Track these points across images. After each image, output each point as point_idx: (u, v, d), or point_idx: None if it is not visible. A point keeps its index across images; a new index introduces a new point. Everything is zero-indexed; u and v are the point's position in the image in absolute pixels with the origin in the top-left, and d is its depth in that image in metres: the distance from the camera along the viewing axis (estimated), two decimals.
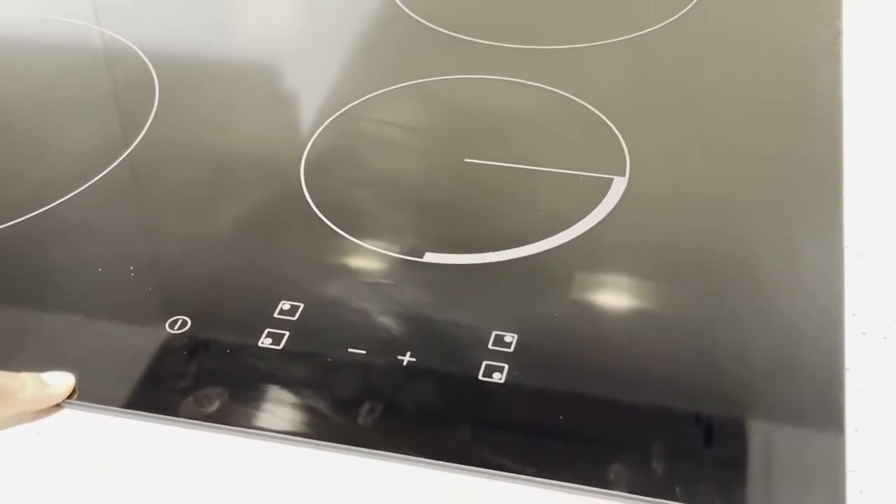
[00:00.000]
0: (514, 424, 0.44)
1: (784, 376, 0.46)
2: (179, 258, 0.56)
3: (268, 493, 0.41)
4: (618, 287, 0.52)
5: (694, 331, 0.49)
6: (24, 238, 0.57)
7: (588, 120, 0.64)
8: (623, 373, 0.46)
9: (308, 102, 0.70)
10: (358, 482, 0.42)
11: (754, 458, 0.42)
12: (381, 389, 0.46)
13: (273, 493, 0.41)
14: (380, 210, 0.58)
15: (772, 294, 0.50)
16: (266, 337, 0.48)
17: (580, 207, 0.56)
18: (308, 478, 0.42)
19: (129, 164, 0.63)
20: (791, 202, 0.57)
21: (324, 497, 0.41)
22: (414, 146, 0.64)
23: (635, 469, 0.41)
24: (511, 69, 0.70)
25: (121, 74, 0.75)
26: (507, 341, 0.48)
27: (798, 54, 0.70)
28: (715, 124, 0.64)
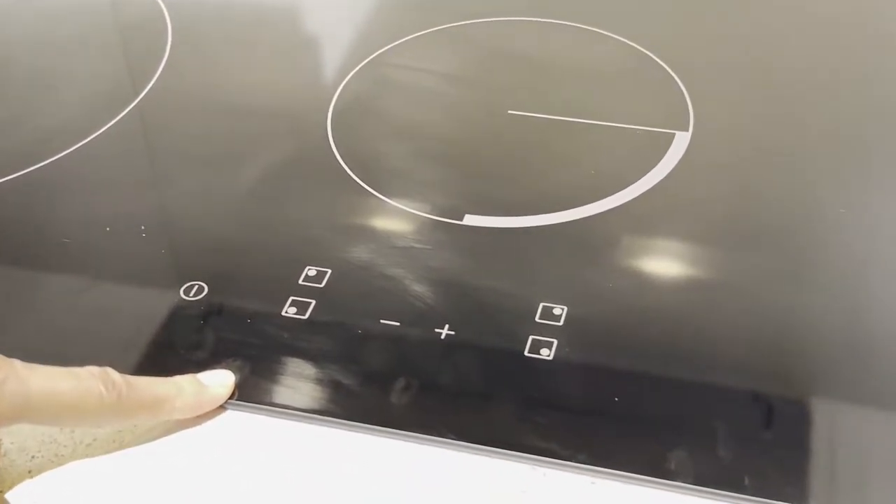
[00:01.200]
0: (564, 405, 0.43)
1: (855, 354, 0.45)
2: (195, 218, 0.55)
3: (291, 476, 0.41)
4: (678, 255, 0.51)
5: (761, 304, 0.48)
6: (24, 193, 0.57)
7: (647, 68, 0.63)
8: (683, 349, 0.46)
9: (335, 47, 0.69)
10: (389, 466, 0.41)
11: (820, 440, 0.41)
12: (416, 365, 0.45)
13: (296, 476, 0.41)
14: (414, 167, 0.57)
15: (846, 264, 0.50)
16: (290, 306, 0.48)
17: (637, 165, 0.55)
18: (335, 461, 0.42)
19: (138, 114, 0.63)
20: (872, 164, 0.56)
21: (352, 482, 0.41)
22: (452, 96, 0.63)
23: (698, 456, 0.41)
24: (560, 11, 0.69)
25: (130, 15, 0.74)
26: (555, 314, 0.47)
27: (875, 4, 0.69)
28: (789, 76, 0.63)
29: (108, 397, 0.39)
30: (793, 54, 0.65)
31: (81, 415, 0.39)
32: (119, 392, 0.39)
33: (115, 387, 0.39)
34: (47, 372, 0.38)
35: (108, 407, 0.39)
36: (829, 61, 0.64)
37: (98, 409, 0.39)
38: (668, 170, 0.55)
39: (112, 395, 0.39)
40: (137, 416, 0.42)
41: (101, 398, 0.39)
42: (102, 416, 0.40)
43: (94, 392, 0.39)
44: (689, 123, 0.58)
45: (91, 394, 0.39)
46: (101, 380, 0.39)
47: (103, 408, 0.39)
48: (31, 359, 0.38)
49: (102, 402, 0.39)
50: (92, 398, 0.39)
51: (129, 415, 0.41)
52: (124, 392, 0.40)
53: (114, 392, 0.39)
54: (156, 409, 0.42)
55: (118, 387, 0.40)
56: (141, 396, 0.41)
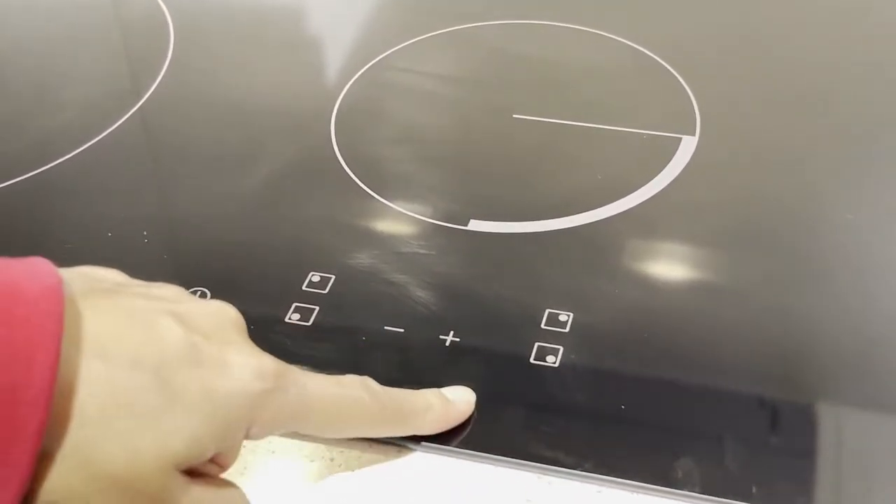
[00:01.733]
0: (569, 413, 0.43)
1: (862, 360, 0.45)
2: (197, 223, 0.55)
3: (292, 486, 0.41)
4: (684, 260, 0.51)
5: (768, 309, 0.47)
6: (27, 197, 0.57)
7: (654, 72, 0.63)
8: (690, 356, 0.46)
9: (339, 49, 0.69)
10: (393, 474, 0.41)
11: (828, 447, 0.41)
12: (421, 372, 0.45)
13: (298, 486, 0.41)
14: (419, 172, 0.57)
15: (853, 270, 0.49)
16: (293, 312, 0.48)
17: (644, 170, 0.55)
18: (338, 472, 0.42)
19: (141, 117, 0.63)
20: (879, 170, 0.55)
21: (357, 492, 0.41)
22: (457, 100, 0.63)
23: (705, 464, 0.40)
24: (567, 14, 0.69)
25: (132, 17, 0.74)
26: (561, 320, 0.47)
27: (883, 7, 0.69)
28: (795, 81, 0.63)
29: (372, 406, 0.39)
30: (800, 59, 0.65)
31: (347, 422, 0.39)
32: (381, 403, 0.39)
33: (377, 397, 0.39)
34: (320, 380, 0.38)
35: (370, 416, 0.39)
36: (837, 66, 0.64)
37: (361, 417, 0.39)
38: (674, 174, 0.55)
39: (376, 404, 0.39)
40: (392, 428, 0.41)
41: (366, 407, 0.39)
42: (364, 424, 0.40)
43: (360, 401, 0.39)
44: (695, 128, 0.58)
45: (358, 402, 0.39)
46: (365, 389, 0.39)
47: (365, 416, 0.39)
48: None
49: (366, 411, 0.39)
50: (358, 406, 0.39)
51: (386, 425, 0.41)
52: (385, 402, 0.40)
53: (377, 402, 0.39)
54: (409, 422, 0.41)
55: (380, 397, 0.39)
56: (399, 408, 0.41)
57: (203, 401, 0.33)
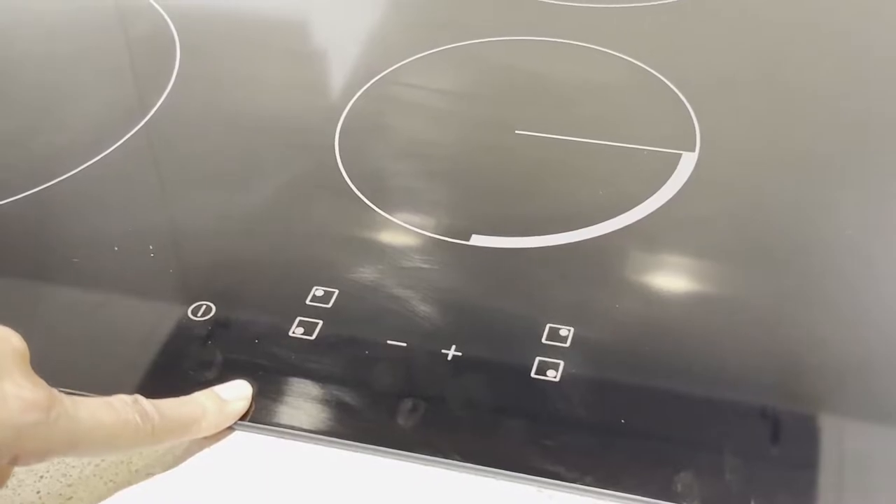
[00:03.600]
0: (571, 427, 0.43)
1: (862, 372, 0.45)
2: (202, 237, 0.55)
3: (297, 497, 0.41)
4: (685, 275, 0.51)
5: (768, 325, 0.48)
6: (33, 212, 0.57)
7: (654, 88, 0.63)
8: (690, 371, 0.46)
9: (344, 65, 0.69)
10: (396, 488, 0.41)
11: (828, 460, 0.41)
12: (423, 386, 0.45)
13: (303, 497, 0.41)
14: (422, 186, 0.57)
15: (852, 283, 0.50)
16: (297, 326, 0.48)
17: (645, 186, 0.55)
18: (342, 482, 0.42)
19: (147, 133, 0.63)
20: (879, 182, 0.56)
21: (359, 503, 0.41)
22: (460, 116, 0.64)
23: (706, 478, 0.41)
24: (569, 30, 0.69)
25: (138, 33, 0.75)
26: (562, 335, 0.47)
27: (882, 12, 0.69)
28: (795, 95, 0.63)
29: (144, 428, 0.40)
30: (800, 75, 0.65)
31: (119, 446, 0.40)
32: (153, 422, 0.40)
33: (148, 417, 0.40)
34: (90, 405, 0.38)
35: (143, 437, 0.40)
36: (837, 82, 0.64)
37: (134, 439, 0.40)
38: (674, 190, 0.55)
39: (147, 425, 0.40)
40: (168, 441, 0.42)
41: (138, 429, 0.39)
42: (137, 445, 0.40)
43: (131, 424, 0.39)
44: (695, 144, 0.58)
45: (129, 426, 0.39)
46: (136, 411, 0.39)
47: (139, 438, 0.40)
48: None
49: (138, 433, 0.39)
50: (130, 430, 0.39)
51: (161, 441, 0.41)
52: (157, 421, 0.40)
53: (149, 423, 0.40)
54: (185, 433, 0.42)
55: (151, 417, 0.40)
56: (171, 423, 0.41)
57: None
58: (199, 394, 0.44)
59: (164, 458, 0.43)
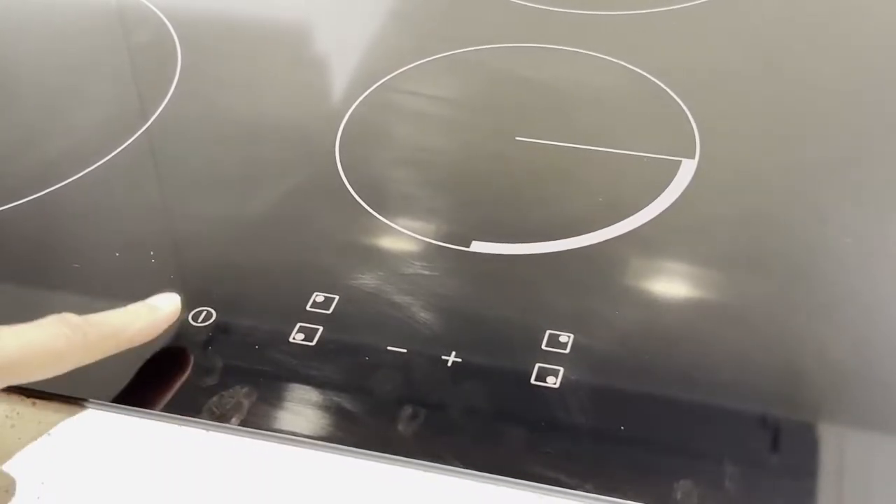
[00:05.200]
0: (570, 434, 0.43)
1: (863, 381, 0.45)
2: (203, 243, 0.55)
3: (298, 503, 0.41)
4: (686, 282, 0.51)
5: (771, 332, 0.48)
6: (34, 218, 0.57)
7: (654, 95, 0.63)
8: (690, 377, 0.46)
9: (345, 72, 0.69)
10: (396, 494, 0.41)
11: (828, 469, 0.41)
12: (423, 392, 0.45)
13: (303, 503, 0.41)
14: (423, 193, 0.57)
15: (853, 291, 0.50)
16: (298, 332, 0.48)
17: (644, 192, 0.55)
18: (342, 488, 0.42)
19: (148, 139, 0.63)
20: (879, 190, 0.56)
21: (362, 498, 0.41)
22: (460, 123, 0.64)
23: (706, 485, 0.40)
24: (569, 37, 0.69)
25: (139, 39, 0.75)
26: (562, 341, 0.47)
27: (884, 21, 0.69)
28: (795, 102, 0.63)
29: (75, 338, 0.41)
30: (800, 83, 0.65)
31: (55, 360, 0.41)
32: (83, 331, 0.42)
33: (78, 328, 0.42)
34: (17, 330, 0.40)
35: (76, 347, 0.41)
36: (837, 90, 0.64)
37: (68, 351, 0.41)
38: (674, 197, 0.55)
39: (79, 335, 0.41)
40: (104, 350, 0.43)
41: (70, 340, 0.41)
42: (72, 357, 0.42)
43: (62, 338, 0.41)
44: (695, 151, 0.58)
45: (59, 339, 0.41)
46: (64, 324, 0.41)
47: (72, 349, 0.41)
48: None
49: (72, 345, 0.41)
50: (62, 344, 0.41)
51: (97, 350, 0.43)
52: (88, 330, 0.42)
53: (79, 332, 0.41)
54: (119, 339, 0.44)
55: (81, 327, 0.42)
56: (103, 331, 0.43)
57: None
58: (130, 305, 0.46)
59: None
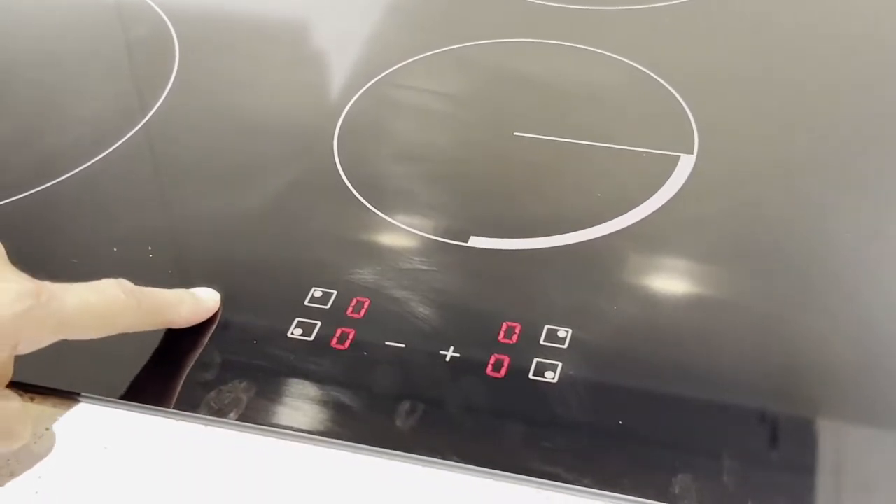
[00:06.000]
0: (568, 429, 0.43)
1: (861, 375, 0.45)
2: (201, 238, 0.55)
3: (297, 498, 0.41)
4: (683, 277, 0.51)
5: (769, 327, 0.48)
6: (32, 213, 0.57)
7: (652, 90, 0.63)
8: (688, 372, 0.46)
9: (343, 67, 0.69)
10: (394, 489, 0.41)
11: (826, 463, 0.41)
12: (421, 387, 0.45)
13: (302, 499, 0.41)
14: (420, 188, 0.57)
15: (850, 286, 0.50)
16: (296, 327, 0.48)
17: (643, 188, 0.55)
18: (341, 483, 0.42)
19: (146, 134, 0.63)
20: (878, 185, 0.56)
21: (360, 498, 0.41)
22: (458, 118, 0.64)
23: (704, 480, 0.41)
24: (567, 33, 0.69)
25: (137, 34, 0.75)
26: (560, 336, 0.47)
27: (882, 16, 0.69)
28: (793, 97, 0.63)
29: (130, 302, 0.44)
30: (798, 78, 0.65)
31: (109, 321, 0.43)
32: (138, 298, 0.44)
33: (133, 294, 0.44)
34: (76, 289, 0.42)
35: (130, 310, 0.44)
36: (835, 85, 0.64)
37: (122, 313, 0.44)
38: (672, 192, 0.55)
39: (132, 300, 0.44)
40: (151, 320, 0.46)
41: (125, 303, 0.43)
42: (126, 320, 0.44)
43: (118, 299, 0.43)
44: (693, 146, 0.58)
45: (116, 301, 0.43)
46: (121, 289, 0.44)
47: (126, 311, 0.44)
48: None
49: (126, 307, 0.44)
50: (117, 304, 0.43)
51: (146, 318, 0.46)
52: (141, 298, 0.44)
53: (133, 298, 0.44)
54: (166, 314, 0.47)
55: (136, 293, 0.44)
56: (154, 301, 0.46)
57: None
58: (177, 289, 0.48)
59: None
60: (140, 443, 0.44)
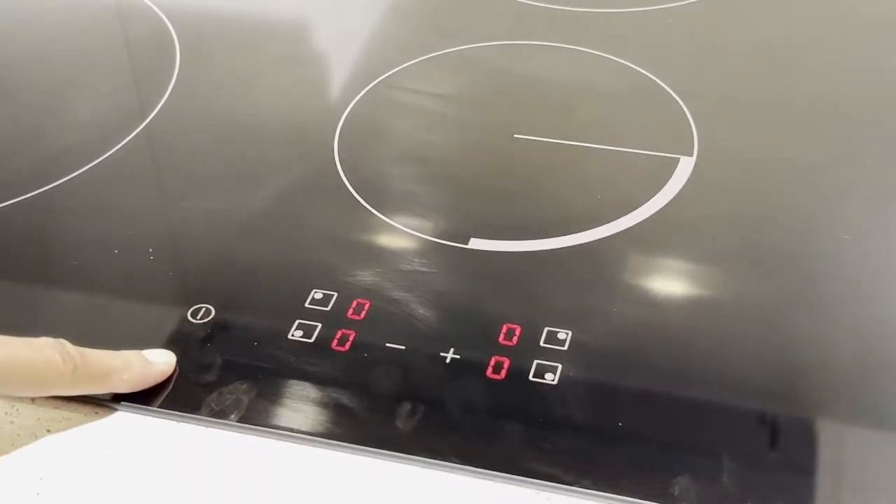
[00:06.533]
0: (568, 430, 0.43)
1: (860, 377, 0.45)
2: (202, 240, 0.55)
3: (298, 500, 0.41)
4: (683, 279, 0.52)
5: (768, 328, 0.48)
6: (33, 215, 0.57)
7: (652, 92, 0.63)
8: (688, 373, 0.46)
9: (343, 70, 0.69)
10: (394, 490, 0.41)
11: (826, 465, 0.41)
12: (421, 389, 0.45)
13: (302, 500, 0.41)
14: (421, 190, 0.58)
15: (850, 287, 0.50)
16: (296, 329, 0.48)
17: (642, 190, 0.56)
18: (342, 484, 0.42)
19: (147, 136, 0.63)
20: (878, 186, 0.56)
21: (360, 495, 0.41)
22: (459, 120, 0.64)
23: (703, 481, 0.41)
24: (567, 35, 0.69)
25: (137, 35, 0.75)
26: (560, 338, 0.47)
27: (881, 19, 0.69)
28: (794, 98, 0.63)
29: (65, 369, 0.41)
30: (798, 80, 0.65)
31: (38, 385, 0.42)
32: (74, 363, 0.42)
33: (70, 358, 0.42)
34: (11, 343, 0.40)
35: (63, 377, 0.42)
36: (835, 87, 0.64)
37: (55, 379, 0.41)
38: (672, 194, 0.55)
39: (68, 366, 0.42)
40: (89, 387, 0.44)
41: (59, 369, 0.41)
42: (57, 386, 0.42)
43: (52, 364, 0.41)
44: (693, 148, 0.58)
45: (50, 365, 0.41)
46: (57, 351, 0.41)
47: (59, 378, 0.42)
48: None
49: (59, 373, 0.41)
50: (50, 369, 0.41)
51: (82, 385, 0.43)
52: (79, 363, 0.42)
53: (69, 364, 0.42)
54: (106, 382, 0.44)
55: (73, 358, 0.42)
56: (93, 369, 0.43)
57: None
58: (125, 351, 0.45)
59: None
60: (141, 444, 0.44)
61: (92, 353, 0.43)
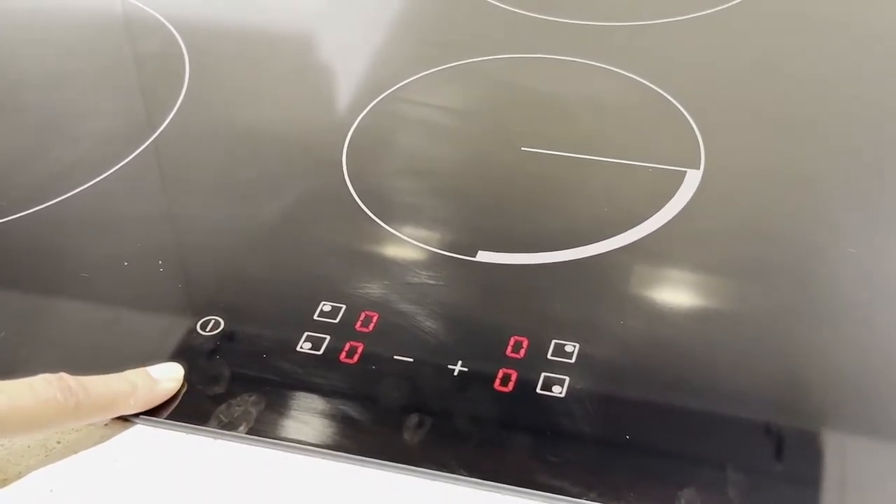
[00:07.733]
0: (575, 442, 0.44)
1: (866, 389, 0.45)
2: (211, 252, 0.56)
3: None
4: (690, 292, 0.52)
5: (774, 341, 0.48)
6: (44, 228, 0.58)
7: (659, 106, 0.64)
8: (695, 387, 0.46)
9: (352, 83, 0.70)
10: (403, 502, 0.42)
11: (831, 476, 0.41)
12: (429, 401, 0.46)
13: None
14: (429, 203, 0.58)
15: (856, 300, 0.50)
16: (305, 341, 0.49)
17: (649, 203, 0.56)
18: (350, 496, 0.42)
19: (157, 148, 0.64)
20: (883, 200, 0.56)
21: None
22: (466, 133, 0.64)
23: (709, 493, 0.41)
24: (573, 48, 0.70)
25: (147, 49, 0.75)
26: (567, 351, 0.47)
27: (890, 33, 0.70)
28: (800, 112, 0.64)
29: (67, 405, 0.41)
30: (804, 93, 0.65)
31: (42, 426, 0.41)
32: (77, 398, 0.41)
33: (72, 393, 0.41)
34: (8, 389, 0.40)
35: (67, 414, 0.41)
36: (841, 101, 0.64)
37: (57, 417, 0.41)
38: (679, 208, 0.55)
39: (70, 402, 0.41)
40: (95, 417, 0.43)
41: (60, 407, 0.41)
42: (62, 422, 0.42)
43: (52, 403, 0.40)
44: (700, 162, 0.59)
45: (50, 405, 0.40)
46: (58, 389, 0.41)
47: (62, 415, 0.41)
48: None
49: (61, 411, 0.41)
50: (51, 409, 0.40)
51: (87, 417, 0.43)
52: (81, 397, 0.41)
53: (72, 399, 0.41)
54: (112, 409, 0.44)
55: (75, 393, 0.41)
56: (97, 399, 0.43)
57: None
58: (130, 372, 0.45)
59: None
60: (150, 456, 0.44)
61: (94, 381, 0.43)
